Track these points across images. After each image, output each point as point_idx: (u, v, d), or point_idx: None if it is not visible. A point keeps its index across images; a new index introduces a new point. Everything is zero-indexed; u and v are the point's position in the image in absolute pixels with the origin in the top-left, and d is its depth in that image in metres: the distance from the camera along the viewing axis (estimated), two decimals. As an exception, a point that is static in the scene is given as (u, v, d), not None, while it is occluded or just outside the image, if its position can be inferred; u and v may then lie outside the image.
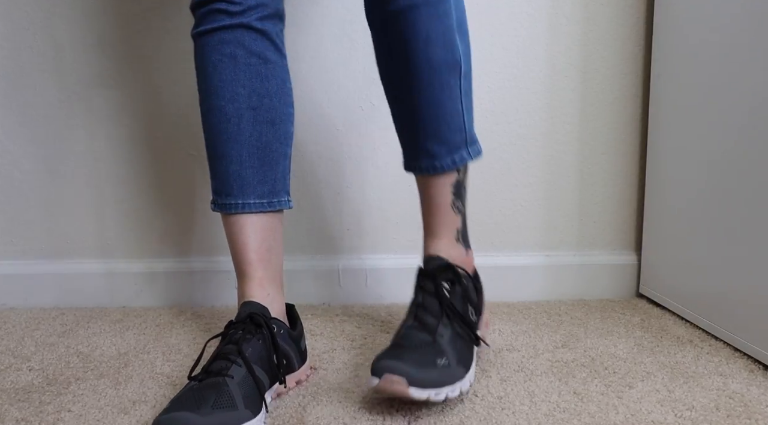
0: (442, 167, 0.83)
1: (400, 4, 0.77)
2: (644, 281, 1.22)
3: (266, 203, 0.85)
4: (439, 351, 0.76)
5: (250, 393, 0.70)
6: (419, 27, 0.77)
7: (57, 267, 1.22)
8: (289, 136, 0.88)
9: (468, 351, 0.79)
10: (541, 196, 1.24)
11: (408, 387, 0.70)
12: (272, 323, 0.79)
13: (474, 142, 0.86)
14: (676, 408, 0.77)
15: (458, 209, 0.86)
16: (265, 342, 0.77)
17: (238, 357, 0.73)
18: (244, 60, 0.81)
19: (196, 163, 1.21)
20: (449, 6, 0.77)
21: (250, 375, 0.72)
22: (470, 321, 0.82)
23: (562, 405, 0.78)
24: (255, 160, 0.84)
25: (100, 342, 1.02)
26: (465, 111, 0.83)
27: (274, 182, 0.86)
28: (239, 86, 0.82)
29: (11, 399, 0.81)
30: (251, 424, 0.68)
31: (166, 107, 1.19)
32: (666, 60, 1.12)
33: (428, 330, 0.77)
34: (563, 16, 1.19)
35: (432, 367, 0.73)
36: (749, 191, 0.91)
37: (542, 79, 1.20)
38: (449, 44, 0.78)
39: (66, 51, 1.17)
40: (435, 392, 0.72)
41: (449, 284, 0.82)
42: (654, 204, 1.18)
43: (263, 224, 0.85)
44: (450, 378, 0.74)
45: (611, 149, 1.23)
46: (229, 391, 0.68)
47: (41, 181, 1.21)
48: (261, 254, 0.84)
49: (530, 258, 1.24)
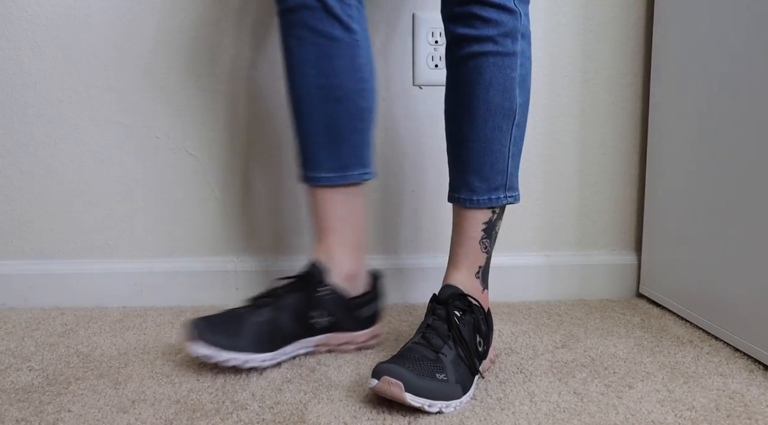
0: (479, 201, 0.88)
1: (473, 50, 0.84)
2: (644, 281, 1.22)
3: (336, 177, 0.93)
4: (440, 367, 0.78)
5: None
6: (484, 73, 0.84)
7: (57, 267, 1.22)
8: (363, 111, 0.94)
9: (468, 377, 0.81)
10: (541, 196, 1.24)
11: (404, 392, 0.74)
12: (320, 285, 0.92)
13: (513, 188, 0.90)
14: (676, 408, 0.77)
15: (485, 247, 0.90)
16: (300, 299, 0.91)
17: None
18: (310, 41, 0.88)
19: (196, 162, 1.21)
20: (515, 61, 0.85)
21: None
22: (475, 350, 0.84)
23: (562, 406, 0.78)
24: (323, 136, 0.92)
25: (100, 342, 1.02)
26: (510, 157, 0.88)
27: (346, 156, 0.93)
28: (307, 67, 0.89)
29: (11, 399, 0.81)
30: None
31: (165, 106, 1.19)
32: (666, 60, 1.12)
33: (433, 348, 0.80)
34: (563, 16, 1.19)
35: (430, 379, 0.76)
36: (749, 191, 0.91)
37: (542, 79, 1.20)
38: (508, 93, 0.85)
39: (66, 51, 1.17)
40: (429, 403, 0.75)
41: (461, 312, 0.85)
42: (654, 204, 1.18)
43: (334, 196, 0.94)
44: (446, 394, 0.77)
45: (611, 149, 1.23)
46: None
47: (41, 181, 1.21)
48: (332, 222, 0.94)
49: (530, 258, 1.24)
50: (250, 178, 1.22)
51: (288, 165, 1.21)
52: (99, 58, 1.18)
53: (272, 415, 0.76)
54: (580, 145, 1.23)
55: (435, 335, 0.82)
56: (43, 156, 1.20)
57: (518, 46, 0.85)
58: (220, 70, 1.18)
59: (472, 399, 0.80)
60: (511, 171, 0.89)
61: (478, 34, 0.83)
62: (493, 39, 0.83)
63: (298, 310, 0.90)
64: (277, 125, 1.20)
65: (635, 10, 1.19)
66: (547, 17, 1.19)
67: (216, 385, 0.85)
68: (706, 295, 1.02)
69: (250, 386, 0.84)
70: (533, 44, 1.19)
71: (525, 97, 0.89)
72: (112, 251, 1.23)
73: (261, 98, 1.20)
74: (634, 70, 1.21)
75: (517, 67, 0.85)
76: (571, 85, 1.21)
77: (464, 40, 0.85)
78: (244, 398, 0.81)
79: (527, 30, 0.87)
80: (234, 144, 1.21)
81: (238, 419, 0.75)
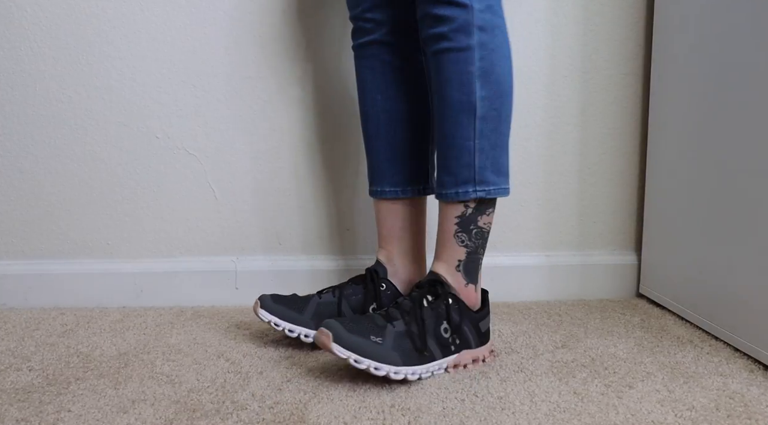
0: (447, 195, 0.90)
1: (431, 50, 0.88)
2: (644, 281, 1.22)
3: (399, 191, 1.01)
4: (379, 332, 0.83)
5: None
6: (441, 69, 0.87)
7: (57, 267, 1.22)
8: (425, 132, 1.02)
9: (413, 354, 0.84)
10: (541, 196, 1.24)
11: (332, 342, 0.80)
12: (383, 282, 1.00)
13: (486, 183, 0.89)
14: (676, 408, 0.77)
15: (462, 241, 0.91)
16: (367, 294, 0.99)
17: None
18: (380, 70, 0.99)
19: (196, 162, 1.21)
20: (471, 55, 0.86)
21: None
22: (436, 335, 0.86)
23: (562, 405, 0.78)
24: (389, 154, 1.01)
25: (100, 342, 1.02)
26: (478, 150, 0.88)
27: (407, 173, 1.01)
28: (377, 93, 1.00)
29: (11, 399, 0.81)
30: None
31: (165, 106, 1.19)
32: (666, 60, 1.12)
33: (385, 319, 0.85)
34: (563, 16, 1.19)
35: (362, 337, 0.82)
36: (749, 191, 0.91)
37: (542, 79, 1.20)
38: (465, 87, 0.86)
39: (66, 51, 1.17)
40: (355, 357, 0.80)
41: (433, 297, 0.88)
42: (654, 204, 1.18)
43: (396, 208, 1.02)
44: (376, 354, 0.81)
45: (611, 149, 1.23)
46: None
47: (41, 181, 1.21)
48: (393, 231, 1.02)
49: (530, 258, 1.24)
50: (250, 178, 1.22)
51: (288, 165, 1.21)
52: (99, 58, 1.18)
53: (272, 415, 0.76)
54: (580, 145, 1.23)
55: (396, 310, 0.87)
56: (43, 156, 1.20)
57: (474, 39, 0.85)
58: (220, 70, 1.18)
59: (474, 396, 0.80)
60: (480, 165, 0.88)
61: (433, 32, 0.86)
62: (446, 36, 0.85)
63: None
64: (276, 126, 1.20)
65: (635, 10, 1.19)
66: (547, 17, 1.19)
67: (216, 385, 0.85)
68: (706, 295, 1.02)
69: (250, 386, 0.84)
70: (533, 44, 1.19)
71: (491, 90, 0.87)
72: (112, 251, 1.23)
73: (261, 98, 1.20)
74: (634, 70, 1.21)
75: (475, 60, 0.85)
76: (571, 85, 1.21)
77: (425, 41, 0.89)
78: (244, 398, 0.81)
79: (488, 22, 0.86)
80: (234, 144, 1.21)
81: (238, 419, 0.75)
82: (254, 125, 1.20)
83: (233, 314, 1.15)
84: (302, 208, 1.22)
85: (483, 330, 0.92)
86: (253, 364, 0.92)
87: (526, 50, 1.19)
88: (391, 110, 1.00)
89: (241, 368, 0.90)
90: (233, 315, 1.14)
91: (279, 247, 1.23)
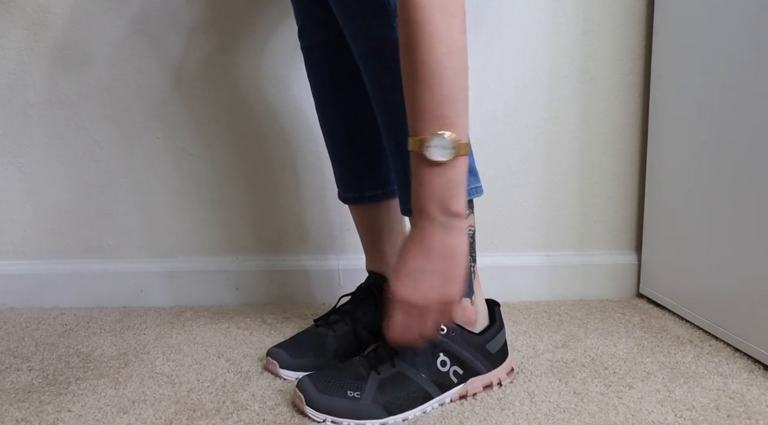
0: (395, 194, 0.90)
1: (357, 52, 0.80)
2: (644, 281, 1.22)
3: (362, 197, 0.96)
4: (359, 385, 0.76)
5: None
6: (371, 72, 0.79)
7: (57, 267, 1.22)
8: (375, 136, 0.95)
9: (405, 402, 0.76)
10: (541, 196, 1.24)
11: (305, 406, 0.75)
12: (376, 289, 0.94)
13: None
14: (676, 408, 0.77)
15: None
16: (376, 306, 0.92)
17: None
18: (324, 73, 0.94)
19: (195, 163, 1.21)
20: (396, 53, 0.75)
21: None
22: (432, 370, 0.77)
23: (562, 405, 0.78)
24: (347, 161, 0.96)
25: (100, 342, 1.02)
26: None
27: (366, 178, 0.95)
28: (333, 101, 0.95)
29: (11, 399, 0.81)
30: None
31: (164, 106, 1.19)
32: (666, 60, 1.12)
33: (371, 365, 0.78)
34: (563, 16, 1.19)
35: (337, 395, 0.75)
36: (749, 192, 0.91)
37: (542, 79, 1.20)
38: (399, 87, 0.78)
39: (66, 51, 1.17)
40: (332, 419, 0.74)
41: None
42: (654, 204, 1.18)
43: (364, 212, 0.97)
44: (354, 413, 0.74)
45: (611, 149, 1.23)
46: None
47: (41, 181, 1.21)
48: (367, 238, 0.97)
49: (530, 258, 1.24)
50: (250, 178, 1.22)
51: (288, 165, 1.21)
52: (99, 58, 1.18)
53: (273, 416, 0.76)
54: (580, 145, 1.23)
55: (384, 350, 0.78)
56: (43, 156, 1.20)
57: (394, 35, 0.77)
58: (220, 70, 1.18)
59: (474, 396, 0.80)
60: None
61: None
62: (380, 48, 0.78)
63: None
64: (276, 126, 1.20)
65: (635, 10, 1.19)
66: (547, 17, 1.19)
67: (216, 385, 0.85)
68: (706, 295, 1.02)
69: (250, 386, 0.84)
70: (533, 44, 1.19)
71: None
72: (112, 251, 1.23)
73: (261, 99, 1.20)
74: (634, 70, 1.21)
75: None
76: (571, 85, 1.21)
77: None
78: (245, 398, 0.81)
79: None
80: (234, 144, 1.21)
81: (239, 419, 0.75)
82: (254, 125, 1.20)
83: (233, 314, 1.15)
84: (302, 208, 1.22)
85: (494, 351, 0.82)
86: (253, 364, 0.92)
87: (526, 50, 1.19)
88: (345, 115, 0.95)
89: (241, 368, 0.90)
90: (233, 315, 1.14)
91: (279, 247, 1.23)
